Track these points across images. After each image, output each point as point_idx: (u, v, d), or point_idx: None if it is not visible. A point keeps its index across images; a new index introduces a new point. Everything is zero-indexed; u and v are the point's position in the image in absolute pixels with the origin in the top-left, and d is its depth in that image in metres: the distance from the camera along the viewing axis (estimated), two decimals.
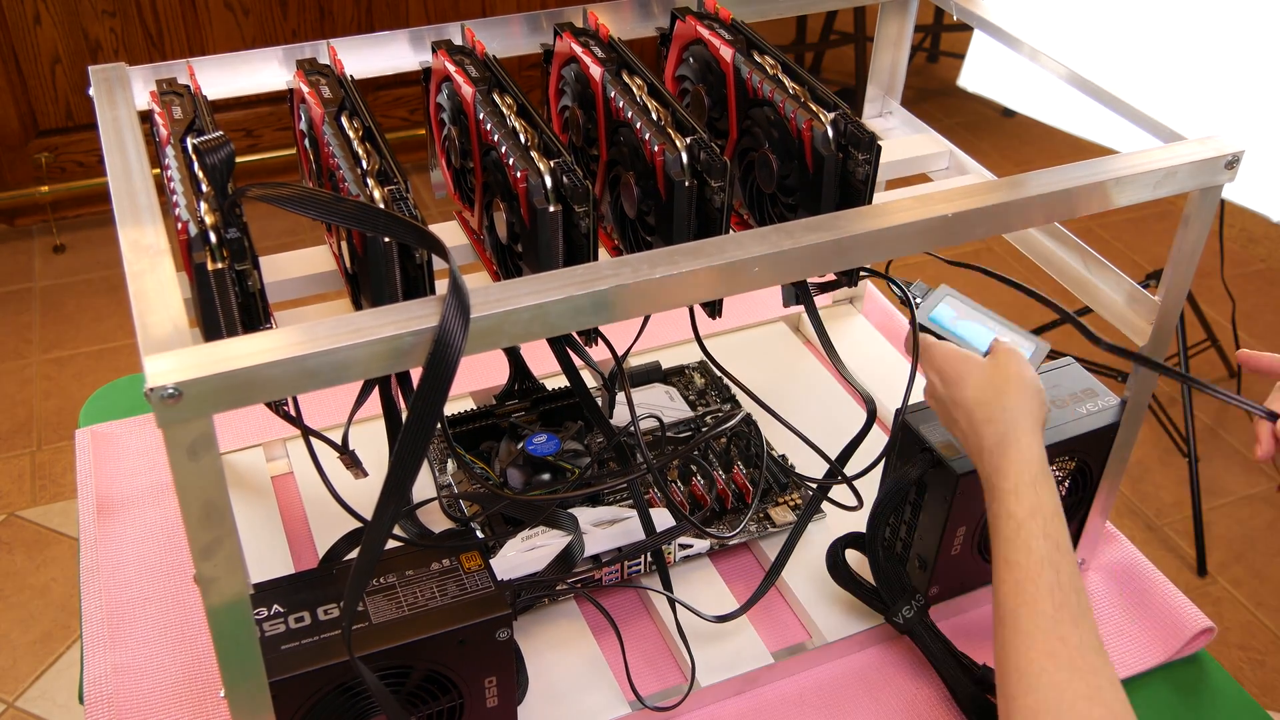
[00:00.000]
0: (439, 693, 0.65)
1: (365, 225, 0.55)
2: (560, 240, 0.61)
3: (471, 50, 0.72)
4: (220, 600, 0.53)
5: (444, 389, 0.51)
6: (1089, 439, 0.77)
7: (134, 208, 0.58)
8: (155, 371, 0.47)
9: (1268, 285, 2.43)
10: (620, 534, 0.79)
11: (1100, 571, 0.86)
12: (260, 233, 0.59)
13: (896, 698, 0.77)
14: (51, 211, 2.38)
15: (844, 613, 0.80)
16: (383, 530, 0.53)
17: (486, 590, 0.65)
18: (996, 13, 0.83)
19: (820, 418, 0.87)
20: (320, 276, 0.70)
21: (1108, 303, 0.77)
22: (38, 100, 2.27)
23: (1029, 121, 2.19)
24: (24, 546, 1.73)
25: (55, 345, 2.11)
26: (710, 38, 0.73)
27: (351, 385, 0.54)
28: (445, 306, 0.51)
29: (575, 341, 0.68)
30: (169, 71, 0.71)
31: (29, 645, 1.59)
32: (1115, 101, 0.74)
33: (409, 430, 0.51)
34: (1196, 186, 0.68)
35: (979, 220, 0.62)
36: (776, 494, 0.87)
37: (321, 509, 0.86)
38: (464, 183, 0.73)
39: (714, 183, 0.62)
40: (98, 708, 0.74)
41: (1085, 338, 0.75)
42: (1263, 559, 1.81)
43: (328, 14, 2.37)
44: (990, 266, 0.82)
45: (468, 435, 0.87)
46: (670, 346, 1.03)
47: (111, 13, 2.22)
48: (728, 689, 0.76)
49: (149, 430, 0.95)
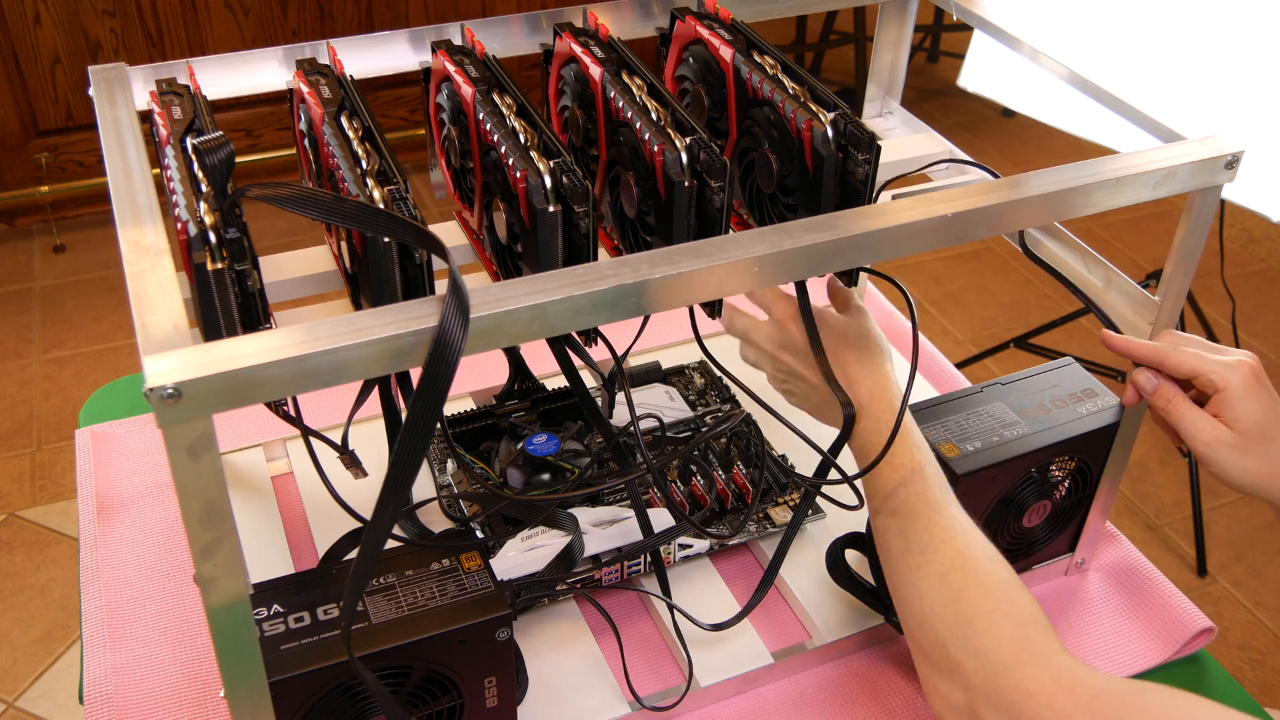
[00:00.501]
0: (439, 693, 0.65)
1: (365, 225, 0.55)
2: (560, 240, 0.61)
3: (471, 50, 0.72)
4: (220, 600, 0.53)
5: (443, 389, 0.51)
6: (1089, 439, 0.77)
7: (134, 208, 0.58)
8: (155, 371, 0.47)
9: (1268, 285, 2.43)
10: (620, 534, 0.79)
11: (1100, 571, 0.86)
12: (260, 233, 0.59)
13: (896, 697, 0.77)
14: (51, 211, 2.38)
15: (843, 613, 0.80)
16: (382, 530, 0.53)
17: (486, 590, 0.65)
18: (996, 13, 0.83)
19: None
20: (320, 276, 0.70)
21: (1108, 303, 0.77)
22: (38, 100, 2.27)
23: (1029, 121, 2.18)
24: (24, 546, 1.73)
25: (55, 345, 2.11)
26: (710, 38, 0.73)
27: (351, 385, 0.54)
28: (445, 306, 0.51)
29: (575, 341, 0.68)
30: (169, 71, 0.71)
31: (29, 645, 1.59)
32: (1115, 101, 0.74)
33: (408, 430, 0.51)
34: (1196, 186, 0.68)
35: (979, 220, 0.62)
36: (776, 494, 0.87)
37: (321, 509, 0.86)
38: (464, 183, 0.73)
39: (714, 183, 0.62)
40: (98, 708, 0.74)
41: (1105, 326, 0.75)
42: (1263, 559, 1.81)
43: (328, 14, 2.38)
44: (991, 265, 0.82)
45: (467, 435, 0.87)
46: (670, 346, 1.03)
47: (111, 13, 2.22)
48: (727, 689, 0.76)
49: (149, 430, 0.95)
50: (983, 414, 0.77)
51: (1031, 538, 0.81)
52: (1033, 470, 0.76)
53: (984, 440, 0.75)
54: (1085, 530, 0.83)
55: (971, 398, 0.79)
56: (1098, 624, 0.82)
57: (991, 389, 0.80)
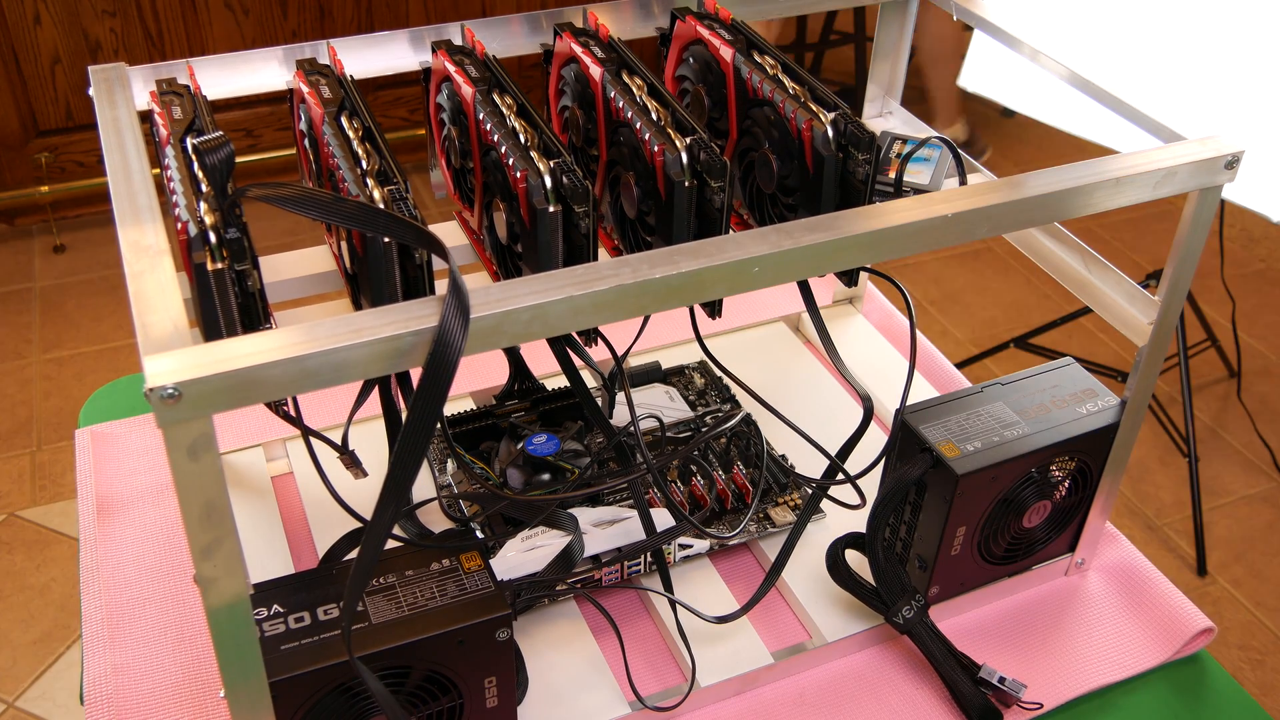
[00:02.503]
0: (439, 693, 0.65)
1: (365, 225, 0.55)
2: (560, 240, 0.61)
3: (471, 50, 0.72)
4: (220, 600, 0.53)
5: (444, 389, 0.51)
6: (1089, 439, 0.77)
7: (134, 208, 0.58)
8: (155, 372, 0.47)
9: (1268, 285, 2.43)
10: (620, 534, 0.79)
11: (1100, 572, 0.86)
12: (260, 233, 0.59)
13: (896, 698, 0.77)
14: (51, 211, 2.38)
15: (844, 613, 0.80)
16: (383, 530, 0.53)
17: (486, 590, 0.65)
18: (996, 13, 0.83)
19: (820, 418, 0.87)
20: (320, 276, 0.70)
21: (1108, 303, 0.77)
22: (38, 100, 2.27)
23: (1029, 121, 2.18)
24: (24, 546, 1.73)
25: (55, 345, 2.11)
26: (710, 38, 0.73)
27: (351, 385, 0.54)
28: (445, 306, 0.51)
29: (575, 341, 0.68)
30: (169, 71, 0.71)
31: (29, 645, 1.59)
32: (1115, 102, 0.74)
33: (409, 430, 0.51)
34: (1196, 187, 0.68)
35: (979, 220, 0.62)
36: (776, 494, 0.87)
37: (321, 509, 0.86)
38: (464, 183, 0.73)
39: (714, 183, 0.62)
40: (97, 708, 0.74)
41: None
42: (1263, 559, 1.81)
43: (328, 14, 2.38)
44: (991, 265, 0.82)
45: (467, 435, 0.87)
46: (670, 346, 1.03)
47: (111, 13, 2.22)
48: (728, 689, 0.76)
49: (149, 430, 0.95)
50: (983, 414, 0.77)
51: (1031, 538, 0.81)
52: (1033, 470, 0.76)
53: (984, 440, 0.75)
54: (1085, 530, 0.83)
55: (971, 398, 0.79)
56: (1098, 624, 0.82)
57: (991, 389, 0.80)
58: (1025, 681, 0.76)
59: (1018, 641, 0.81)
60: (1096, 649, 0.81)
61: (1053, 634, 0.81)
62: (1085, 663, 0.80)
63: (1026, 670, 0.78)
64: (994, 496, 0.76)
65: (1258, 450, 1.99)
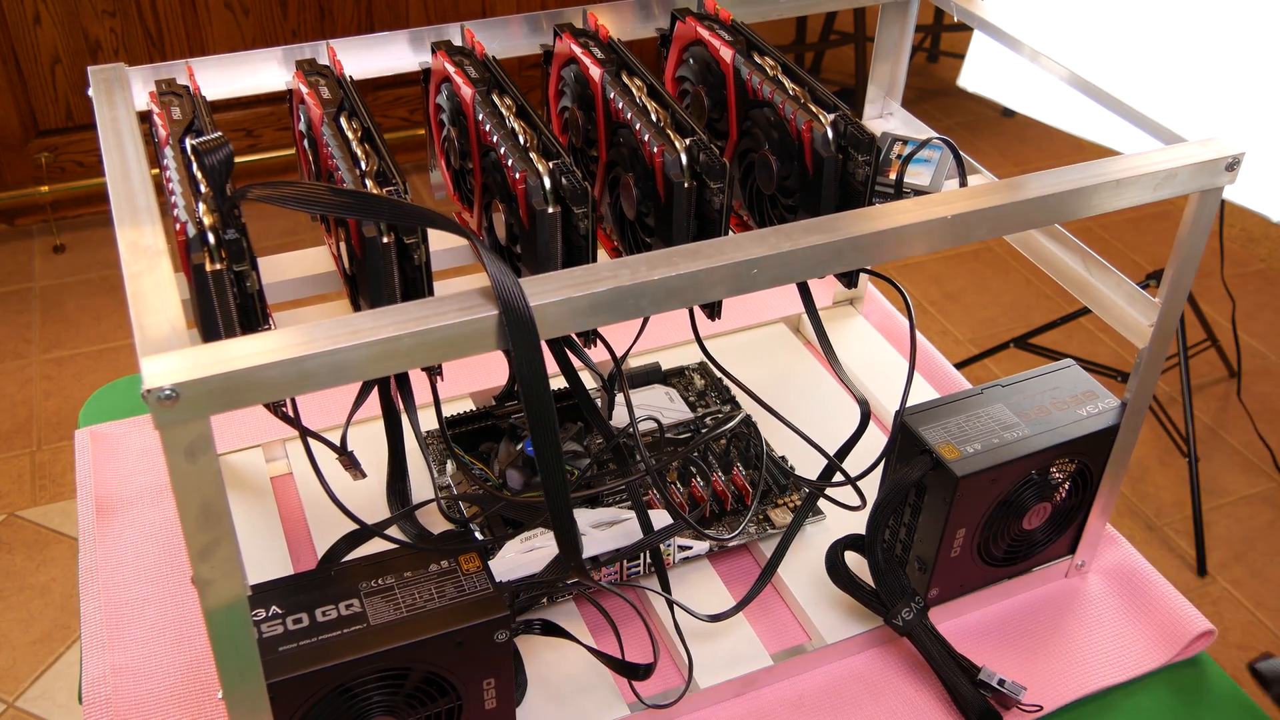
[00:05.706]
0: (437, 695, 0.65)
1: (370, 215, 0.55)
2: (559, 241, 0.61)
3: (471, 51, 0.72)
4: (218, 602, 0.53)
5: (535, 340, 0.53)
6: (1089, 441, 0.77)
7: (132, 208, 0.58)
8: (153, 373, 0.47)
9: (1268, 285, 2.43)
10: (619, 535, 0.79)
11: (1100, 574, 0.86)
12: (260, 233, 0.59)
13: (896, 699, 0.77)
14: (51, 211, 2.38)
15: (843, 615, 0.80)
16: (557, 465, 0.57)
17: (485, 592, 0.65)
18: (996, 13, 0.83)
19: (820, 419, 0.87)
20: (319, 277, 0.70)
21: (1108, 304, 0.77)
22: (38, 100, 2.27)
23: (1029, 121, 2.19)
24: (24, 546, 1.73)
25: (55, 345, 2.11)
26: (710, 39, 0.73)
27: (350, 386, 0.54)
28: (491, 268, 0.52)
29: (574, 343, 0.68)
30: (168, 72, 0.71)
31: (29, 645, 1.59)
32: (1116, 103, 0.74)
33: (527, 392, 0.55)
34: (1197, 189, 0.67)
35: (979, 222, 0.62)
36: (776, 495, 0.87)
37: (320, 510, 0.86)
38: (463, 184, 0.72)
39: (713, 184, 0.62)
40: (97, 708, 0.74)
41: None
42: (1263, 559, 1.81)
43: (328, 14, 2.37)
44: (991, 265, 0.82)
45: (467, 436, 0.87)
46: (670, 348, 1.03)
47: (111, 13, 2.22)
48: (727, 690, 0.76)
49: (149, 430, 0.95)
50: (983, 416, 0.77)
51: (1032, 540, 0.81)
52: (1033, 472, 0.76)
53: (984, 442, 0.75)
54: (1085, 532, 0.83)
55: (971, 399, 0.79)
56: (1098, 626, 0.82)
57: (992, 390, 0.79)
58: (1025, 684, 0.76)
59: (1018, 643, 0.81)
60: (1096, 651, 0.81)
61: (1053, 636, 0.81)
62: (1085, 665, 0.79)
63: (1026, 672, 0.78)
64: (994, 498, 0.76)
65: (1258, 450, 1.99)
